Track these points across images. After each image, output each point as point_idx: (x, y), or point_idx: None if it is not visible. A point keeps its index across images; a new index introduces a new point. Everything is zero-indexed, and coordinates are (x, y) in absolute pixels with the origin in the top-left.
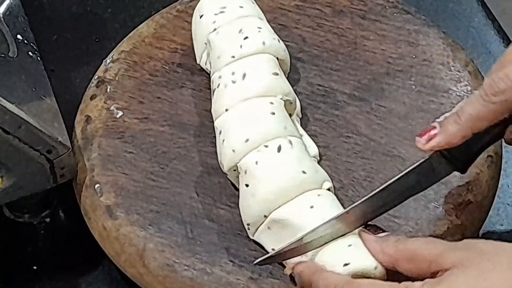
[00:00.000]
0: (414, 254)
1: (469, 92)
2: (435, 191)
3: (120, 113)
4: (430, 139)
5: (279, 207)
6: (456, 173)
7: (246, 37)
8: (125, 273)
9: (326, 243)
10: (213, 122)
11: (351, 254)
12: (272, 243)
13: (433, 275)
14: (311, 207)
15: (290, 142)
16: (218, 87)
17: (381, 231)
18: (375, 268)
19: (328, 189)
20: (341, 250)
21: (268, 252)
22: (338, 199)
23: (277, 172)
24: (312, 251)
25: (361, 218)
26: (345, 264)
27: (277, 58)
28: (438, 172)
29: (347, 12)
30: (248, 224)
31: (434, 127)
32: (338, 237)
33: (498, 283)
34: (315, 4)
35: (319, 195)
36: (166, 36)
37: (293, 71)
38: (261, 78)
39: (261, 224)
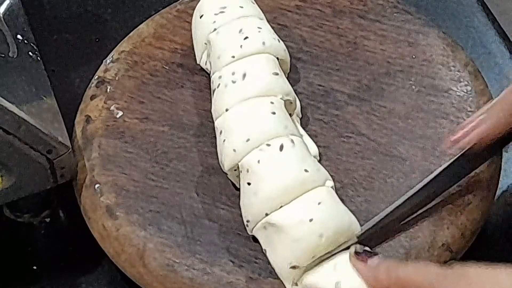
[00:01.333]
0: (405, 283)
1: (469, 92)
2: None
3: (120, 113)
4: (469, 132)
5: (280, 207)
6: None
7: (246, 37)
8: (125, 273)
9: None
10: (213, 122)
11: (340, 272)
12: (265, 244)
13: None
14: (310, 220)
15: (292, 141)
16: (218, 87)
17: (372, 254)
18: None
19: (331, 188)
20: (329, 271)
21: (263, 252)
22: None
23: (280, 170)
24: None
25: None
26: (336, 283)
27: (277, 58)
28: (476, 162)
29: (347, 12)
30: (247, 221)
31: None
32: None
33: None
34: (315, 4)
35: (319, 203)
36: (166, 36)
37: (293, 71)
38: (261, 78)
39: (259, 222)
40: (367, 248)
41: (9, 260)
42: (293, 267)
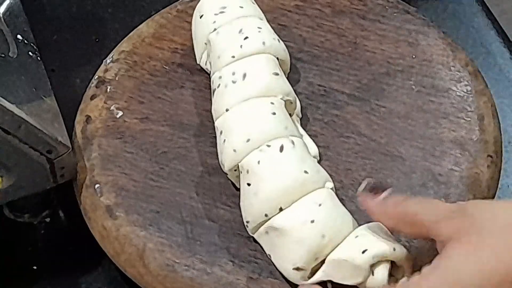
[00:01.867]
0: (413, 219)
1: (469, 92)
2: (435, 191)
3: (120, 113)
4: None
5: (280, 210)
6: (456, 172)
7: (246, 37)
8: (125, 273)
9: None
10: (213, 122)
11: (364, 242)
12: (268, 249)
13: (433, 240)
14: (312, 221)
15: (292, 142)
16: (218, 87)
17: (380, 191)
18: (394, 249)
19: (331, 189)
20: (352, 243)
21: (267, 254)
22: (338, 199)
23: (280, 171)
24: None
25: None
26: (363, 251)
27: (277, 58)
28: None
29: (347, 12)
30: (247, 222)
31: None
32: None
33: (490, 257)
34: (315, 4)
35: (320, 204)
36: (166, 36)
37: (293, 71)
38: (261, 78)
39: (260, 227)
40: (376, 183)
41: (9, 260)
42: (297, 269)
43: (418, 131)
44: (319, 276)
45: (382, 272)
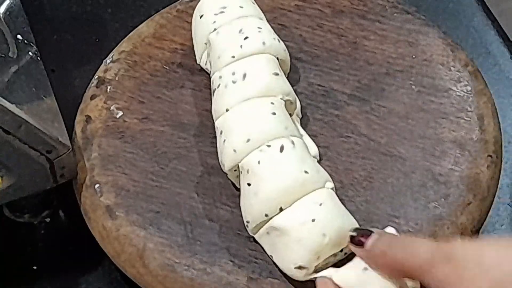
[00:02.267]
0: (401, 267)
1: (469, 92)
2: (435, 191)
3: (120, 113)
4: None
5: (281, 210)
6: (456, 172)
7: (246, 37)
8: (125, 273)
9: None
10: (213, 122)
11: (372, 280)
12: (269, 249)
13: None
14: (313, 220)
15: (293, 142)
16: (218, 87)
17: (366, 235)
18: None
19: (331, 189)
20: (360, 277)
21: (268, 255)
22: (338, 199)
23: (280, 171)
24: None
25: None
26: None
27: (277, 58)
28: None
29: (347, 12)
30: (247, 222)
31: None
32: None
33: None
34: (315, 4)
35: (321, 204)
36: (166, 36)
37: (293, 71)
38: (261, 78)
39: (261, 227)
40: (361, 229)
41: (9, 260)
42: (299, 267)
43: (418, 131)
44: None
45: None
